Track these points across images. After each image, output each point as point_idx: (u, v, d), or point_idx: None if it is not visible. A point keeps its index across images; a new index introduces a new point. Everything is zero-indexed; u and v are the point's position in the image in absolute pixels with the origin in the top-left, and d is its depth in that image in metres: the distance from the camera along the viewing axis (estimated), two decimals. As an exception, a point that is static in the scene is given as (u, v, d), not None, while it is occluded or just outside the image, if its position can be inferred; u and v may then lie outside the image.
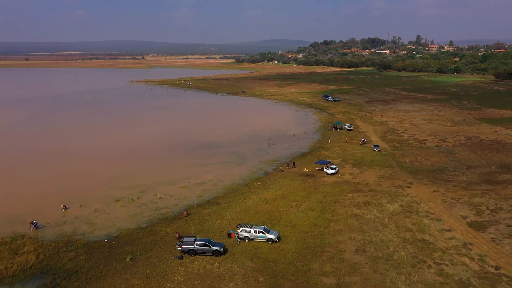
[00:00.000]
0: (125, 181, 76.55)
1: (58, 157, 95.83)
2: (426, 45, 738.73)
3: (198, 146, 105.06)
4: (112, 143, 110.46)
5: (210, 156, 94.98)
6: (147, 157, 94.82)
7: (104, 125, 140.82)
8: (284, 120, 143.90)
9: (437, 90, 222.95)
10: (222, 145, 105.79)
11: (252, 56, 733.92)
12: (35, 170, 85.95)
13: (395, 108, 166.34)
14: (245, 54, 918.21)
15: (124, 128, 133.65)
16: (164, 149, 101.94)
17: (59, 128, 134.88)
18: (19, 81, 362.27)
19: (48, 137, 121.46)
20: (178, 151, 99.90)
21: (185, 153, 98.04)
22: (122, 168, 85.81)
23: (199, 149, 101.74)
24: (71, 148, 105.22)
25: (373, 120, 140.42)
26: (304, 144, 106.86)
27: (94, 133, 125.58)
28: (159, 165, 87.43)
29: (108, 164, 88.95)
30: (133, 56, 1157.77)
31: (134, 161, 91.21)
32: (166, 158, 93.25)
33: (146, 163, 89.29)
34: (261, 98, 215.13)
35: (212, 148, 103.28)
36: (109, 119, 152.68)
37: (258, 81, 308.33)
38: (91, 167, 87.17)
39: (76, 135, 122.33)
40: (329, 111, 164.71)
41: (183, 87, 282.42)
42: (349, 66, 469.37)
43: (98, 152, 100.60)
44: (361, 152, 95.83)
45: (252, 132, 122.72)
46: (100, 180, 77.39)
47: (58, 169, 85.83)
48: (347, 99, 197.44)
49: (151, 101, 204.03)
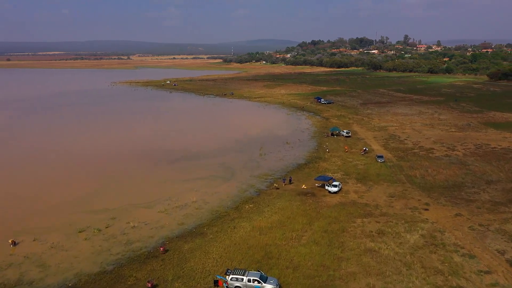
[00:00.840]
0: (94, 203, 65.06)
1: (13, 171, 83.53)
2: (414, 45, 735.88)
3: (181, 157, 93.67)
4: (81, 154, 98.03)
5: (194, 169, 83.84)
6: (121, 171, 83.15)
7: (73, 131, 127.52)
8: (276, 125, 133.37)
9: (432, 91, 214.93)
10: (208, 155, 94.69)
11: (239, 56, 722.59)
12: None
13: (392, 111, 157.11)
14: (232, 54, 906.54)
15: (97, 136, 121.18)
16: (142, 161, 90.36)
17: (19, 135, 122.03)
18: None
19: (3, 145, 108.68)
20: (158, 164, 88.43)
21: (166, 166, 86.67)
22: (91, 185, 74.16)
23: (182, 161, 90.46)
24: (31, 158, 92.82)
25: (371, 124, 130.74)
26: (300, 153, 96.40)
27: (60, 141, 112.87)
28: (135, 182, 75.98)
29: (74, 180, 77.10)
30: (119, 56, 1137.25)
31: (106, 176, 79.53)
32: (144, 173, 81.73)
33: (120, 179, 77.72)
34: (250, 100, 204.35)
35: (197, 159, 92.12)
36: (80, 125, 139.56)
37: (247, 82, 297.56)
38: (54, 183, 75.32)
39: (38, 143, 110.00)
40: (323, 114, 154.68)
41: (168, 89, 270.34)
42: (339, 66, 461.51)
43: (63, 164, 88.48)
44: (364, 164, 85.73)
45: (242, 139, 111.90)
46: (63, 201, 65.73)
47: (12, 187, 73.70)
48: (341, 101, 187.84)
49: (132, 103, 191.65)
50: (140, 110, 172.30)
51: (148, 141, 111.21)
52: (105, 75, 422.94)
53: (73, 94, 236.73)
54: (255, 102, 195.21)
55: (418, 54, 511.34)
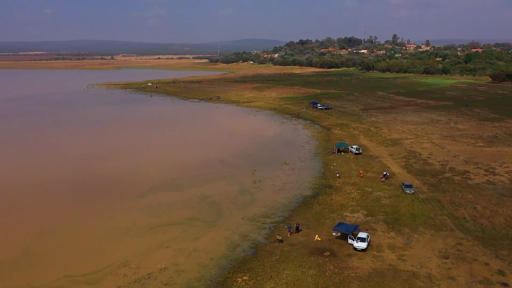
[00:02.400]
0: (10, 276, 44.14)
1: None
2: (403, 44, 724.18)
3: (150, 188, 72.32)
4: (6, 180, 76.49)
5: (167, 208, 63.25)
6: (57, 216, 61.20)
7: (8, 147, 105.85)
8: (270, 138, 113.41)
9: (436, 95, 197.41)
10: (186, 184, 74.11)
11: (226, 56, 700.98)
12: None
13: (400, 118, 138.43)
14: (219, 54, 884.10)
15: (39, 153, 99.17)
16: (89, 197, 68.90)
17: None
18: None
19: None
20: (115, 201, 67.36)
21: (128, 204, 65.63)
22: (8, 235, 53.11)
23: (151, 194, 69.53)
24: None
25: (381, 137, 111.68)
26: (303, 179, 76.55)
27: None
28: (78, 235, 54.91)
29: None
30: (102, 56, 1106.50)
31: (34, 220, 58.35)
32: (92, 217, 60.48)
33: (55, 229, 56.39)
34: (239, 105, 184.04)
35: (172, 189, 71.48)
36: (20, 139, 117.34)
37: (234, 84, 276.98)
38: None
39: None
40: (322, 123, 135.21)
41: (148, 91, 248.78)
42: (329, 67, 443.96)
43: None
44: (389, 196, 66.29)
45: (230, 159, 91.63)
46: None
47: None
48: (339, 107, 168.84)
49: (102, 110, 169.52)
50: (111, 116, 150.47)
51: (104, 164, 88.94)
52: (84, 76, 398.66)
53: (36, 98, 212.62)
54: (244, 108, 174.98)
55: (409, 54, 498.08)
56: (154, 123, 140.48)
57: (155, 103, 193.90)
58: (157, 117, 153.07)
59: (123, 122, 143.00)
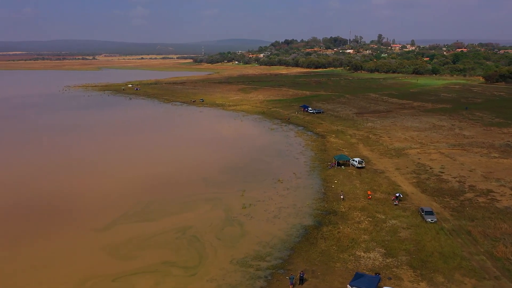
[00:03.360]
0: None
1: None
2: (388, 44, 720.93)
3: (114, 218, 59.45)
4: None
5: (135, 246, 50.54)
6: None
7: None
8: (259, 148, 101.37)
9: (430, 97, 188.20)
10: (160, 212, 61.49)
11: (211, 56, 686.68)
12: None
13: (399, 124, 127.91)
14: (203, 53, 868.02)
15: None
16: (34, 228, 55.88)
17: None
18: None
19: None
20: (67, 234, 54.34)
21: (83, 241, 52.72)
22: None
23: (116, 226, 56.59)
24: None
25: (383, 145, 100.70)
26: (301, 202, 64.71)
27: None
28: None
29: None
30: (84, 56, 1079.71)
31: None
32: (35, 258, 47.55)
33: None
34: (224, 109, 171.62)
35: (142, 219, 58.78)
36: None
37: (219, 85, 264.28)
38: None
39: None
40: (316, 129, 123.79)
41: (128, 94, 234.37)
42: (316, 67, 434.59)
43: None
44: (408, 226, 54.89)
45: (214, 175, 79.26)
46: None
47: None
48: (331, 110, 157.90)
49: (71, 115, 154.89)
50: (74, 125, 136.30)
51: (54, 184, 75.46)
52: (62, 78, 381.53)
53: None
54: (230, 112, 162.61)
55: (396, 54, 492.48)
56: (127, 131, 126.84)
57: (133, 107, 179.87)
58: (132, 123, 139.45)
59: (90, 130, 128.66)
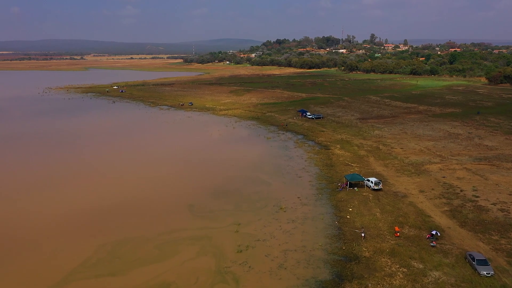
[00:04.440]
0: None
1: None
2: (381, 44, 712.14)
3: (66, 274, 45.40)
4: None
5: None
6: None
7: None
8: (254, 162, 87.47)
9: (436, 99, 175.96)
10: (129, 260, 47.35)
11: (201, 56, 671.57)
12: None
13: (409, 132, 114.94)
14: (194, 53, 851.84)
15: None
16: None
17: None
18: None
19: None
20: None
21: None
22: None
23: (72, 284, 42.60)
24: None
25: (397, 159, 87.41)
26: (312, 242, 50.96)
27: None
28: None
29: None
30: (72, 56, 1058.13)
31: None
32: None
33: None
34: (214, 113, 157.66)
35: (104, 271, 44.63)
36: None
37: (209, 87, 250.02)
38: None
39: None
40: (317, 138, 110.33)
41: (112, 96, 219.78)
42: (310, 67, 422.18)
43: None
44: (457, 282, 41.42)
45: (201, 201, 65.23)
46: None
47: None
48: (332, 115, 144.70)
49: (42, 122, 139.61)
50: (45, 134, 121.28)
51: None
52: (46, 78, 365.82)
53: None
54: (221, 117, 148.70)
55: (390, 54, 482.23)
56: (100, 141, 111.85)
57: (115, 112, 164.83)
58: (109, 132, 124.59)
59: (49, 142, 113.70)
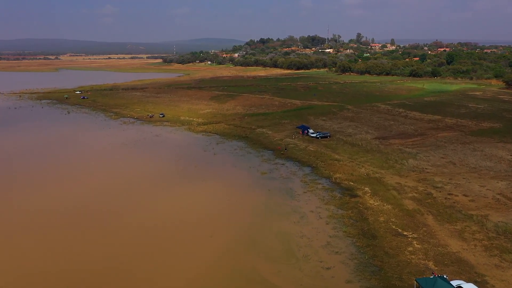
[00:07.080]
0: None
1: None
2: (367, 43, 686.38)
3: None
4: None
5: None
6: None
7: None
8: (243, 229, 54.33)
9: (460, 109, 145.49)
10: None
11: (182, 55, 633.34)
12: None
13: (456, 160, 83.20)
14: (175, 53, 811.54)
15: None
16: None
17: None
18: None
19: None
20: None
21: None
22: None
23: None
24: None
25: (470, 219, 55.41)
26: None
27: None
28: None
29: None
30: (46, 56, 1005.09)
31: None
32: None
33: None
34: (190, 129, 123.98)
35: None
36: None
37: (187, 92, 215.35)
38: None
39: None
40: (334, 174, 77.67)
41: (71, 104, 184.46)
42: (298, 68, 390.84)
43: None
44: None
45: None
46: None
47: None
48: (340, 132, 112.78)
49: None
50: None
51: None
52: (6, 81, 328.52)
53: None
54: (198, 135, 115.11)
55: (381, 54, 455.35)
56: (27, 174, 77.28)
57: (60, 129, 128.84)
58: (24, 169, 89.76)
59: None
